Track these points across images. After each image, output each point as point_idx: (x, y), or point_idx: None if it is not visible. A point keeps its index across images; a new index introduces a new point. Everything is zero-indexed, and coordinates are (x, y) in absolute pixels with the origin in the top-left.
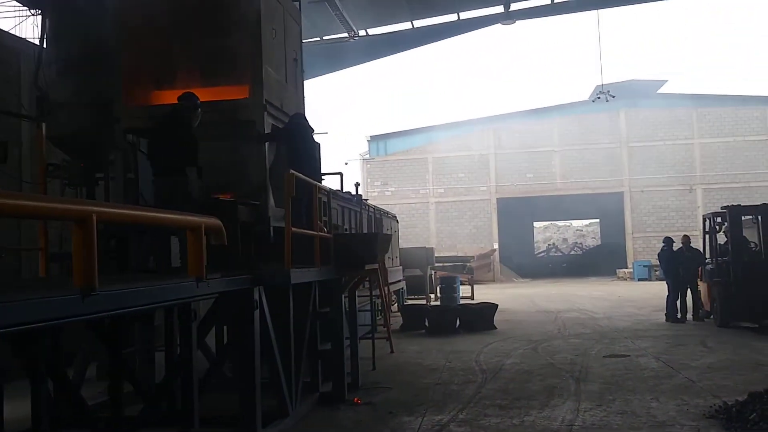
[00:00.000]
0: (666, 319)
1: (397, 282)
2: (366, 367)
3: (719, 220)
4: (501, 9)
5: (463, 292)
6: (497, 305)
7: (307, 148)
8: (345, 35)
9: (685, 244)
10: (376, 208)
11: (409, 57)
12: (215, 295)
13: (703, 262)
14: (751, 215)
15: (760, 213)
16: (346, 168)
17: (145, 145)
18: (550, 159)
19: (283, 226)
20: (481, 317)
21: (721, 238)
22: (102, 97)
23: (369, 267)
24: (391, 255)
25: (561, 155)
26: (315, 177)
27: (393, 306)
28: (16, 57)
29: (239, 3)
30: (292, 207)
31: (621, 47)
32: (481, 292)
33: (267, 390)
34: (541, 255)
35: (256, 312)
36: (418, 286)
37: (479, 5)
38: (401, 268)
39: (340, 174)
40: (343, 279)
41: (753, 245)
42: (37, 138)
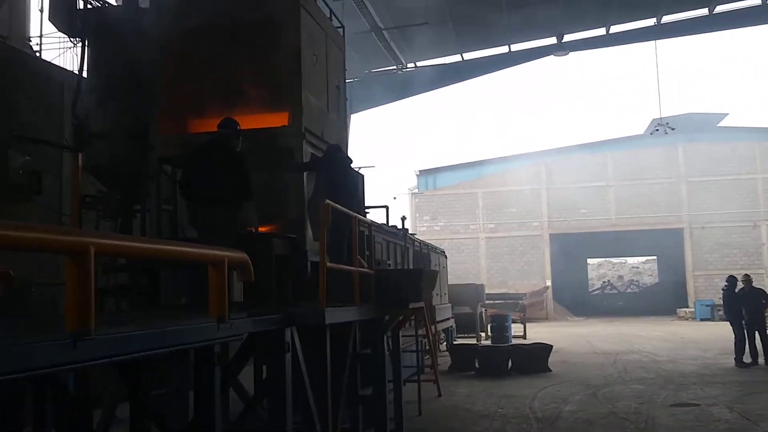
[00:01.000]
0: (735, 364)
1: (446, 320)
2: (411, 413)
3: None
4: (554, 40)
5: (515, 330)
6: (552, 346)
7: (349, 178)
8: (393, 67)
9: (747, 283)
10: (423, 242)
11: (459, 90)
12: (240, 338)
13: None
14: None
15: None
16: (394, 203)
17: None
18: (604, 194)
19: None
20: (535, 358)
21: None
22: (140, 127)
23: (414, 305)
24: (440, 292)
25: (616, 190)
26: (357, 209)
27: (441, 345)
28: (59, 88)
29: (279, 28)
30: (332, 240)
31: (679, 80)
32: (534, 330)
33: None
34: (596, 293)
35: (287, 355)
36: (468, 324)
37: (531, 37)
38: (450, 305)
39: (385, 207)
40: (386, 318)
41: None
42: (74, 168)
